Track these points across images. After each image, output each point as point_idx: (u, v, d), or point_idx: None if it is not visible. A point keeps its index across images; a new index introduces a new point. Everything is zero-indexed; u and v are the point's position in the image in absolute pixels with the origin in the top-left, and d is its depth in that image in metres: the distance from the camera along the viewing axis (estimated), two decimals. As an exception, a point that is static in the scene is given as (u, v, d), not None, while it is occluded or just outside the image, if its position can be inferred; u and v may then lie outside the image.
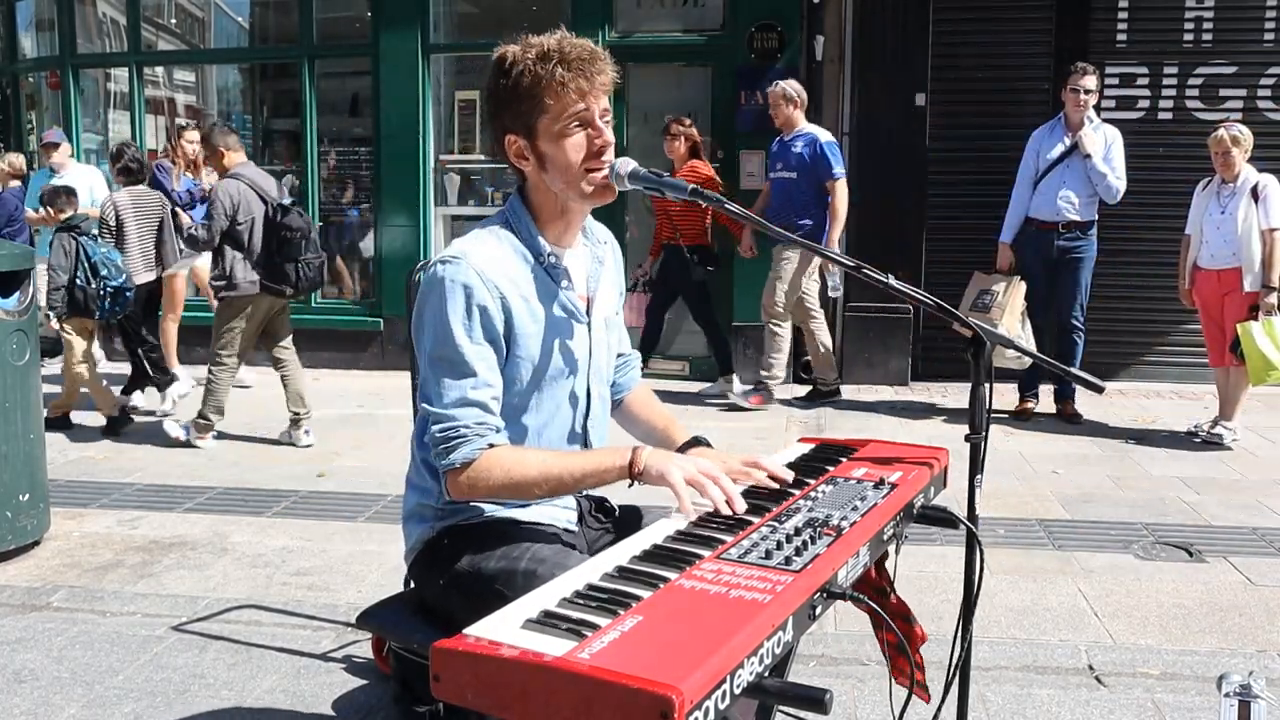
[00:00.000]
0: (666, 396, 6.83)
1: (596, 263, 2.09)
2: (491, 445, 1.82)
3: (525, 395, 1.94)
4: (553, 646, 1.26)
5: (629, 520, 2.12)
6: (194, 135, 6.66)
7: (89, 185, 8.12)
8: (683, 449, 2.07)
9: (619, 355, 2.24)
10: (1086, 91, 5.98)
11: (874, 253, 6.79)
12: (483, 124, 8.16)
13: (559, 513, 2.03)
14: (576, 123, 1.87)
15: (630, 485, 1.85)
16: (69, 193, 6.22)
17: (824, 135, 6.48)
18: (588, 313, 2.04)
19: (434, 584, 1.99)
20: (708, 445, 2.09)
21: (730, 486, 1.78)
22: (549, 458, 1.86)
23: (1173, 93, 7.31)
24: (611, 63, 1.90)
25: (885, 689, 2.86)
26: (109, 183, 8.41)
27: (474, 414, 1.82)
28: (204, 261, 6.83)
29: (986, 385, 1.84)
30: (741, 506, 1.75)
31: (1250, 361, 5.43)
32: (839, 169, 6.39)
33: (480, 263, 1.86)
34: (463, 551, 1.93)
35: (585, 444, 2.07)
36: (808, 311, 6.73)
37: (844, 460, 2.10)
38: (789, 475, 1.93)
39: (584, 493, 2.13)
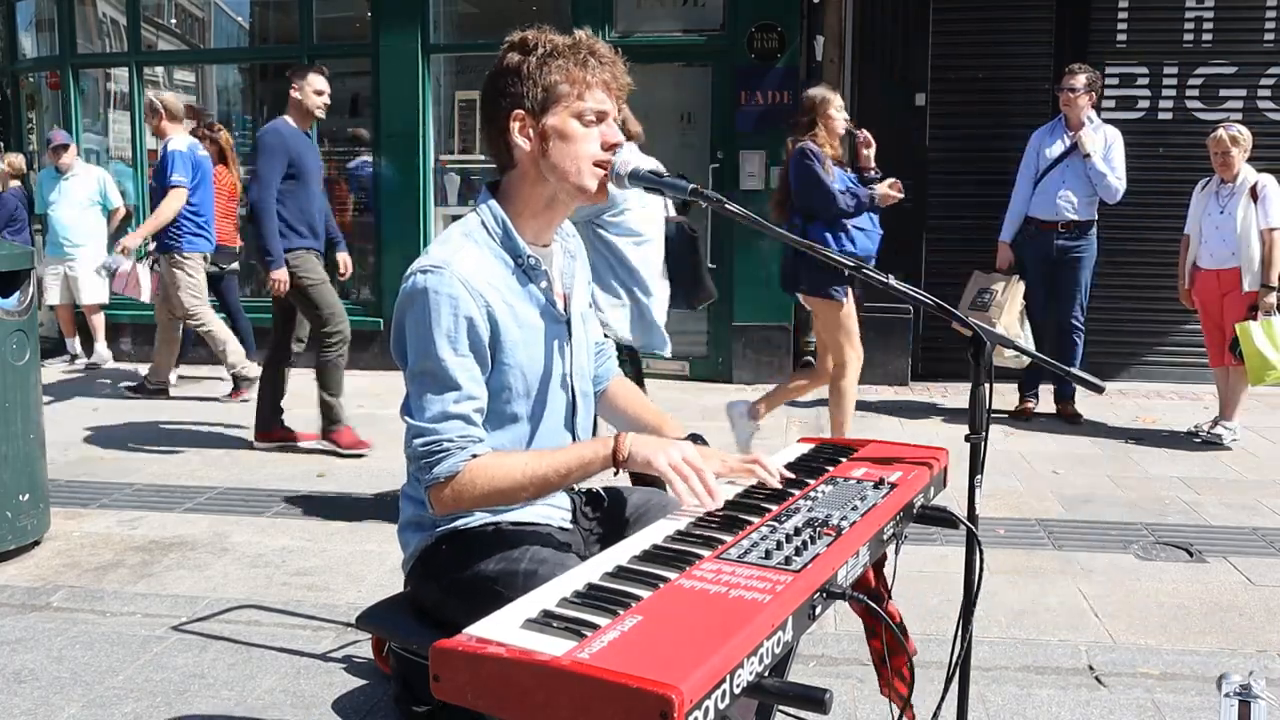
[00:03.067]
0: (670, 399, 6.85)
1: (569, 257, 2.07)
2: (474, 456, 1.79)
3: (512, 400, 1.91)
4: (552, 646, 1.26)
5: (615, 510, 2.11)
6: None
7: (98, 184, 8.14)
8: None
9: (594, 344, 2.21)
10: (1071, 90, 6.00)
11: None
12: (482, 123, 8.15)
13: (553, 512, 2.03)
14: (595, 115, 1.86)
15: (615, 474, 1.84)
16: None
17: (176, 144, 6.47)
18: (566, 310, 2.01)
19: (432, 590, 1.97)
20: (704, 443, 2.06)
21: (712, 483, 1.76)
22: (531, 459, 1.82)
23: (1173, 93, 7.31)
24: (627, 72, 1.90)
25: (885, 689, 2.86)
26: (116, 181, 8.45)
27: (457, 427, 1.78)
28: None
29: (986, 385, 1.84)
30: (717, 505, 1.75)
31: (1249, 361, 5.43)
32: (175, 178, 6.41)
33: (464, 271, 1.81)
34: (461, 556, 1.91)
35: (575, 441, 2.05)
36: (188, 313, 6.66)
37: (844, 460, 2.10)
38: (788, 475, 1.93)
39: (576, 489, 2.12)
